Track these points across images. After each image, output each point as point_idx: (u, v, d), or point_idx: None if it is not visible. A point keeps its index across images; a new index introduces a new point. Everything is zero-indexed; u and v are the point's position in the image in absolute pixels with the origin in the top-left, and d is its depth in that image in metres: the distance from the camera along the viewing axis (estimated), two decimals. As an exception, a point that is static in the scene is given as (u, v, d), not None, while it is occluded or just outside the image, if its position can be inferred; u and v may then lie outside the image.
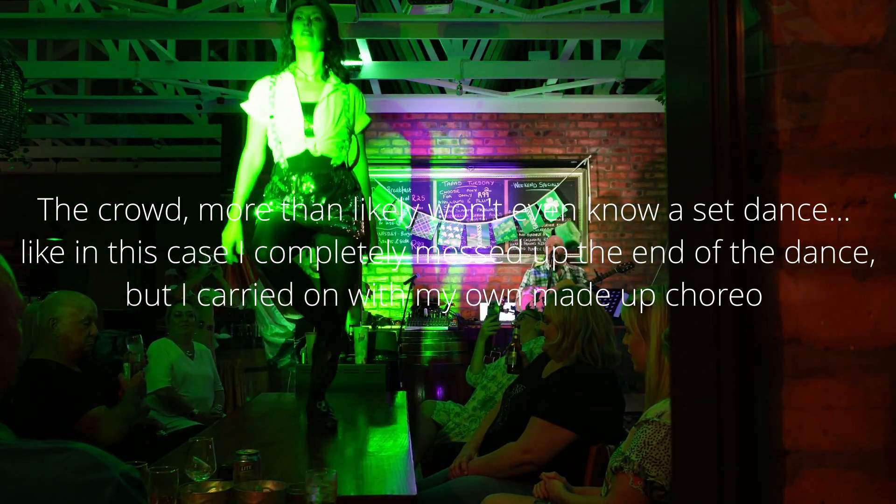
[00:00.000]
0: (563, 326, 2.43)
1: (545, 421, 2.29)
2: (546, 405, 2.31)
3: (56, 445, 0.83)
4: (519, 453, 2.30)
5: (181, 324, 3.86)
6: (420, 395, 5.15)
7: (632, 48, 5.72)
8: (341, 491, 1.66)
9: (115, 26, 4.90)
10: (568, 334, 2.43)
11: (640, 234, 6.62)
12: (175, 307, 3.93)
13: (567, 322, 2.43)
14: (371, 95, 6.46)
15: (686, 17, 0.83)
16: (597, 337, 2.41)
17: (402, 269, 6.54)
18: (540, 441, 2.28)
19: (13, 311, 0.98)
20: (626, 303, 2.01)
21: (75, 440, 0.86)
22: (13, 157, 4.58)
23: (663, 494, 1.64)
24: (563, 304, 2.46)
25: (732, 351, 0.78)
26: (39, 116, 7.63)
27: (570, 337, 2.42)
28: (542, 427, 2.29)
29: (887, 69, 0.77)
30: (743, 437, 0.77)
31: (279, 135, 2.63)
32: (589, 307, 2.44)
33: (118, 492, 0.81)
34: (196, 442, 1.74)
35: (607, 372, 2.42)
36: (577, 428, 2.26)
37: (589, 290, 2.55)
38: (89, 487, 0.79)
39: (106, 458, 0.83)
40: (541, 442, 2.28)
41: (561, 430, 2.26)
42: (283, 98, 2.64)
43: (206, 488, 1.60)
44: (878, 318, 0.76)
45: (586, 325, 2.41)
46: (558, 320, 2.45)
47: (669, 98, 0.88)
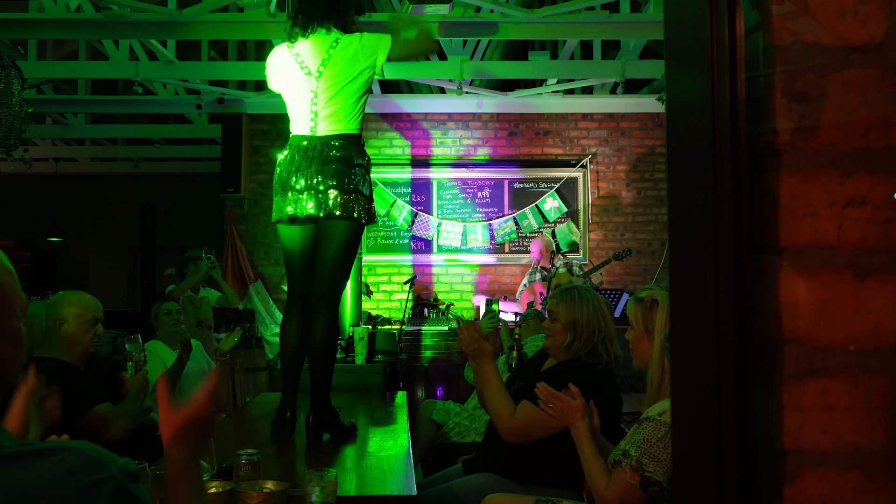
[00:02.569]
0: (574, 327, 2.39)
1: (534, 406, 2.22)
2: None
3: (52, 446, 0.83)
4: (505, 425, 2.26)
5: (171, 322, 3.70)
6: (420, 395, 5.14)
7: (632, 48, 5.73)
8: (341, 491, 1.66)
9: (115, 26, 4.90)
10: (580, 336, 2.37)
11: (640, 235, 6.62)
12: (164, 305, 3.78)
13: (579, 323, 2.38)
14: (371, 95, 6.45)
15: (686, 17, 0.83)
16: (608, 338, 2.38)
17: (402, 269, 6.54)
18: (526, 424, 2.24)
19: (16, 310, 0.96)
20: (633, 298, 2.00)
21: (80, 438, 0.86)
22: (13, 157, 4.58)
23: (659, 490, 1.64)
24: (573, 303, 2.41)
25: (732, 351, 0.78)
26: (39, 116, 7.63)
27: (581, 338, 2.37)
28: (531, 410, 2.23)
29: (887, 69, 0.77)
30: (743, 437, 0.77)
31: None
32: (599, 308, 2.41)
33: (116, 490, 0.81)
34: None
35: (606, 370, 2.41)
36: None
37: (592, 290, 2.53)
38: (87, 489, 0.79)
39: (103, 455, 0.83)
40: (526, 425, 2.24)
41: (548, 418, 2.23)
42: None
43: (205, 488, 1.60)
44: (878, 318, 0.76)
45: (599, 328, 2.37)
46: (567, 321, 2.41)
47: (669, 98, 0.88)
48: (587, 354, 2.39)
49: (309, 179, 2.44)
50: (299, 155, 2.48)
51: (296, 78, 2.52)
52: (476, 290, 6.53)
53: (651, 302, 1.92)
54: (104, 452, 0.84)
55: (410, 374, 5.20)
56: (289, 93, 2.58)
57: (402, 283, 6.12)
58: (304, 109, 2.51)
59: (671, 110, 0.87)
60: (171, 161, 8.98)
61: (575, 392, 1.93)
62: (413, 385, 5.22)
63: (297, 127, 2.55)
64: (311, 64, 2.50)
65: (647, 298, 1.93)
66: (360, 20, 2.88)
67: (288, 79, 2.56)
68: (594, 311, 2.40)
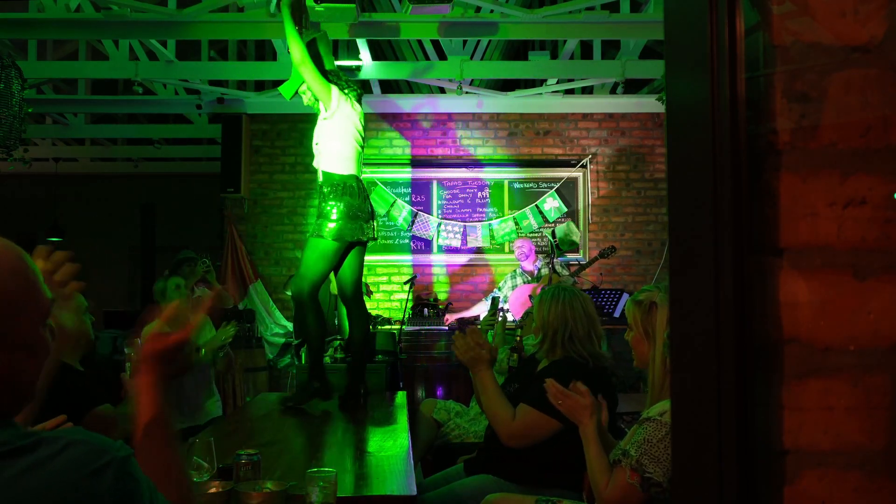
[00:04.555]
0: (543, 327, 2.45)
1: (532, 408, 2.29)
2: (534, 394, 2.30)
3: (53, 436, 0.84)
4: (506, 429, 2.30)
5: (181, 296, 3.72)
6: (420, 395, 5.14)
7: (632, 48, 5.72)
8: (341, 491, 1.66)
9: (115, 26, 4.90)
10: (547, 335, 2.44)
11: (640, 234, 6.62)
12: (171, 280, 3.80)
13: (546, 322, 2.44)
14: (371, 95, 6.46)
15: (686, 17, 0.83)
16: (577, 336, 2.40)
17: (402, 269, 6.54)
18: (526, 428, 2.29)
19: (34, 315, 0.90)
20: (631, 300, 2.00)
21: None
22: (13, 157, 4.58)
23: (660, 491, 1.64)
24: (542, 303, 2.47)
25: (732, 351, 0.78)
26: (39, 116, 7.63)
27: (549, 337, 2.43)
28: (529, 413, 2.29)
29: (887, 69, 0.77)
30: (743, 437, 0.77)
31: None
32: (567, 306, 2.43)
33: (117, 472, 0.83)
34: (196, 442, 1.74)
35: (599, 369, 2.41)
36: (562, 418, 2.25)
37: (571, 288, 2.54)
38: (91, 476, 0.81)
39: (102, 441, 0.86)
40: (526, 429, 2.29)
41: (546, 419, 2.25)
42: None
43: (206, 488, 1.60)
44: (878, 318, 0.76)
45: (564, 325, 2.41)
46: (539, 321, 2.47)
47: (669, 98, 0.88)
48: (570, 354, 2.40)
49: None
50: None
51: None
52: (476, 290, 6.53)
53: (650, 304, 1.92)
54: (102, 438, 0.86)
55: (410, 374, 5.20)
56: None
57: (402, 283, 6.12)
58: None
59: (671, 110, 0.87)
60: (171, 161, 8.97)
61: (584, 391, 1.93)
62: (413, 385, 5.22)
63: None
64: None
65: (646, 301, 1.93)
66: (360, 20, 3.24)
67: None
68: (562, 310, 2.42)
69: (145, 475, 0.88)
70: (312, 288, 3.13)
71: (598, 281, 6.16)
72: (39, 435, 0.83)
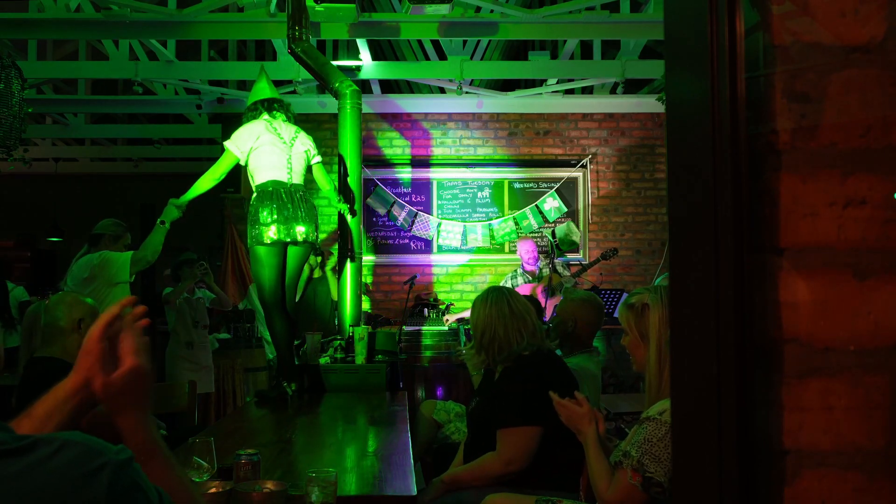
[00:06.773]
0: (473, 335, 2.49)
1: (509, 428, 2.28)
2: (502, 414, 2.31)
3: (49, 437, 0.83)
4: (501, 465, 2.27)
5: (202, 271, 4.55)
6: (420, 395, 5.14)
7: (632, 48, 5.72)
8: (341, 491, 1.66)
9: (115, 26, 4.90)
10: (474, 342, 2.48)
11: (640, 234, 6.62)
12: (184, 254, 4.52)
13: (475, 329, 2.48)
14: (371, 95, 6.46)
15: (686, 17, 0.83)
16: (498, 339, 2.42)
17: (402, 269, 6.54)
18: (516, 449, 2.26)
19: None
20: (623, 304, 2.01)
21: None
22: (13, 157, 4.57)
23: (661, 491, 1.64)
24: (472, 310, 2.52)
25: (732, 351, 0.78)
26: (39, 116, 7.63)
27: (476, 345, 2.47)
28: (509, 434, 2.27)
29: (887, 69, 0.77)
30: (743, 437, 0.77)
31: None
32: (488, 311, 2.45)
33: (114, 475, 0.83)
34: (196, 442, 1.74)
35: (545, 355, 2.41)
36: (539, 419, 2.24)
37: (499, 288, 2.56)
38: (86, 477, 0.81)
39: (98, 443, 0.85)
40: (517, 450, 2.26)
41: (527, 429, 2.25)
42: None
43: (206, 488, 1.60)
44: (878, 318, 0.76)
45: (484, 330, 2.44)
46: (472, 328, 2.51)
47: (669, 98, 0.88)
48: (499, 357, 2.42)
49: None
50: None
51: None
52: (476, 290, 6.52)
53: (642, 307, 1.92)
54: (99, 441, 0.85)
55: (410, 374, 5.20)
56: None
57: (402, 283, 6.12)
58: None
59: (671, 110, 0.87)
60: (171, 161, 8.97)
61: (581, 399, 1.97)
62: (413, 385, 5.22)
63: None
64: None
65: (638, 304, 1.93)
66: (360, 20, 3.33)
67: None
68: (483, 314, 2.45)
69: (147, 479, 0.87)
70: (271, 294, 3.39)
71: (599, 281, 6.16)
72: (35, 437, 0.83)
